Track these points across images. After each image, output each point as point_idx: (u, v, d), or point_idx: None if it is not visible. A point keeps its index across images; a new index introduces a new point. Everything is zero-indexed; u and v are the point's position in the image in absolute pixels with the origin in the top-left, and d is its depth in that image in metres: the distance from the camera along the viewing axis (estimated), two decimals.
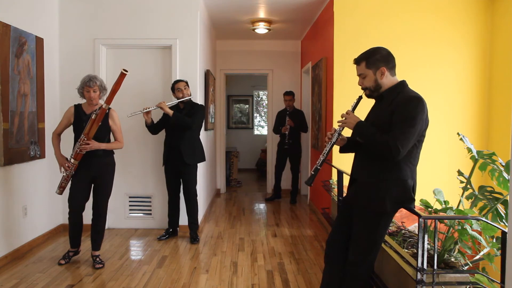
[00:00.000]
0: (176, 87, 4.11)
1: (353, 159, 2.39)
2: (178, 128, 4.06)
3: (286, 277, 3.30)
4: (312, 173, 2.34)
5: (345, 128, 2.30)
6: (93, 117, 3.28)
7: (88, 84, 3.32)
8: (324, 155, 2.33)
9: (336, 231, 2.42)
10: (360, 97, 2.33)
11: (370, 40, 4.40)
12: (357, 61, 2.28)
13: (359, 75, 2.28)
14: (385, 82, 2.21)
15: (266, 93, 8.00)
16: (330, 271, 2.38)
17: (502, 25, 4.30)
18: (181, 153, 4.07)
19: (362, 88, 2.29)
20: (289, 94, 6.20)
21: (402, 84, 2.22)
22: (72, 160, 3.32)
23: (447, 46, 4.44)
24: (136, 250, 3.95)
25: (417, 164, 2.20)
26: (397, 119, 2.08)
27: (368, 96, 2.29)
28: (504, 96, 4.27)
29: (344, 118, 2.26)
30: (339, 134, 2.32)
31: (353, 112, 2.28)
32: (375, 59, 2.20)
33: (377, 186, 2.16)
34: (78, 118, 3.40)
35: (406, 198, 2.15)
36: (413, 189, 2.19)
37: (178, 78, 4.42)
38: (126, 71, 3.30)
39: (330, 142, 2.32)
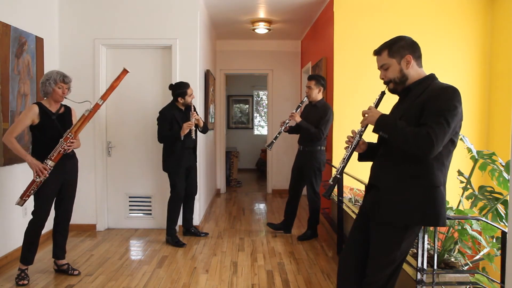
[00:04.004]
0: (189, 92, 4.01)
1: (373, 162, 2.11)
2: (194, 130, 4.16)
3: (286, 277, 3.30)
4: (331, 183, 2.04)
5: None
6: (86, 114, 3.10)
7: (64, 80, 3.11)
8: (344, 161, 2.04)
9: (351, 247, 2.13)
10: (383, 93, 2.04)
11: (370, 40, 4.40)
12: (378, 51, 1.99)
13: (380, 67, 2.00)
14: (412, 73, 1.93)
15: (266, 93, 7.99)
16: None
17: (502, 25, 4.30)
18: (194, 152, 4.24)
19: (385, 82, 2.00)
20: (310, 79, 4.24)
21: (432, 77, 1.94)
22: (50, 163, 3.00)
23: (447, 46, 4.44)
24: (136, 250, 3.95)
25: (449, 167, 1.90)
26: (430, 111, 1.78)
27: (392, 90, 2.01)
28: (504, 96, 4.27)
29: (366, 115, 1.97)
30: (361, 136, 2.04)
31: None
32: (399, 46, 1.93)
33: (403, 193, 1.87)
34: (46, 117, 3.08)
35: (437, 209, 1.83)
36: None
37: (179, 79, 4.40)
38: (128, 70, 3.26)
39: (350, 146, 2.04)
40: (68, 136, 3.04)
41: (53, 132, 3.07)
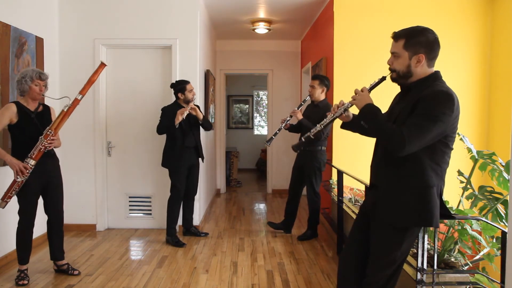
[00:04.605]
0: (189, 88, 4.04)
1: (371, 160, 2.07)
2: (197, 129, 4.14)
3: (286, 277, 3.30)
4: (302, 139, 2.18)
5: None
6: (65, 110, 3.01)
7: (40, 77, 3.02)
8: (322, 125, 2.11)
9: (351, 246, 2.11)
10: (384, 78, 1.98)
11: (370, 40, 4.40)
12: (396, 36, 1.90)
13: (392, 52, 1.92)
14: (418, 72, 1.87)
15: (266, 93, 8.00)
16: None
17: (502, 25, 4.30)
18: (197, 151, 4.19)
19: (390, 69, 1.95)
20: (314, 79, 4.29)
21: (435, 76, 1.88)
22: (31, 161, 2.93)
23: (447, 46, 4.39)
24: (136, 250, 3.95)
25: (446, 170, 1.90)
26: (416, 111, 1.78)
27: (393, 79, 1.95)
28: (504, 96, 4.27)
29: (356, 94, 1.97)
30: (345, 110, 2.05)
31: (369, 92, 1.97)
32: (417, 41, 1.84)
33: (400, 194, 1.86)
34: (25, 116, 3.01)
35: (430, 209, 1.82)
36: (440, 201, 1.87)
37: (179, 79, 4.41)
38: (106, 64, 3.20)
39: (332, 114, 2.08)
40: (48, 133, 2.97)
41: (33, 131, 3.00)
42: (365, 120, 1.92)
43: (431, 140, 1.78)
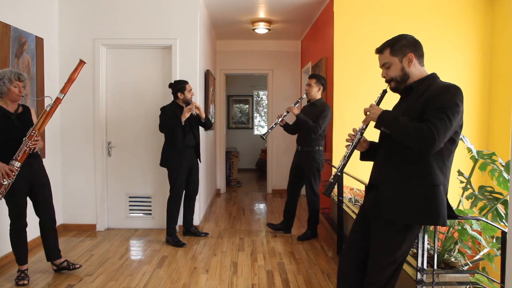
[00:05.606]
0: (188, 88, 4.06)
1: (374, 162, 2.11)
2: (196, 128, 4.16)
3: (286, 277, 3.30)
4: (331, 181, 2.03)
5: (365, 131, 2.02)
6: (47, 110, 2.96)
7: (19, 78, 2.95)
8: (345, 158, 2.03)
9: (351, 246, 2.12)
10: (385, 91, 2.04)
11: (370, 40, 4.39)
12: (380, 50, 2.00)
13: (382, 65, 2.00)
14: (414, 72, 1.94)
15: (266, 93, 8.00)
16: None
17: (502, 25, 4.30)
18: (197, 151, 4.21)
19: (387, 81, 2.01)
20: (311, 77, 4.30)
21: (434, 76, 1.94)
22: (16, 163, 2.88)
23: (447, 46, 4.44)
24: (136, 250, 3.95)
25: (450, 169, 1.91)
26: (432, 107, 1.79)
27: (394, 89, 2.01)
28: (504, 96, 4.27)
29: (367, 112, 1.97)
30: (362, 134, 2.04)
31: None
32: (401, 45, 1.94)
33: (403, 192, 1.87)
34: (5, 118, 2.95)
35: (437, 208, 1.83)
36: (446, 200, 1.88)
37: (178, 79, 4.41)
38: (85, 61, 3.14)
39: (351, 144, 2.04)
40: (32, 134, 2.93)
41: (14, 133, 2.95)
42: (387, 125, 1.89)
43: (452, 132, 1.80)
